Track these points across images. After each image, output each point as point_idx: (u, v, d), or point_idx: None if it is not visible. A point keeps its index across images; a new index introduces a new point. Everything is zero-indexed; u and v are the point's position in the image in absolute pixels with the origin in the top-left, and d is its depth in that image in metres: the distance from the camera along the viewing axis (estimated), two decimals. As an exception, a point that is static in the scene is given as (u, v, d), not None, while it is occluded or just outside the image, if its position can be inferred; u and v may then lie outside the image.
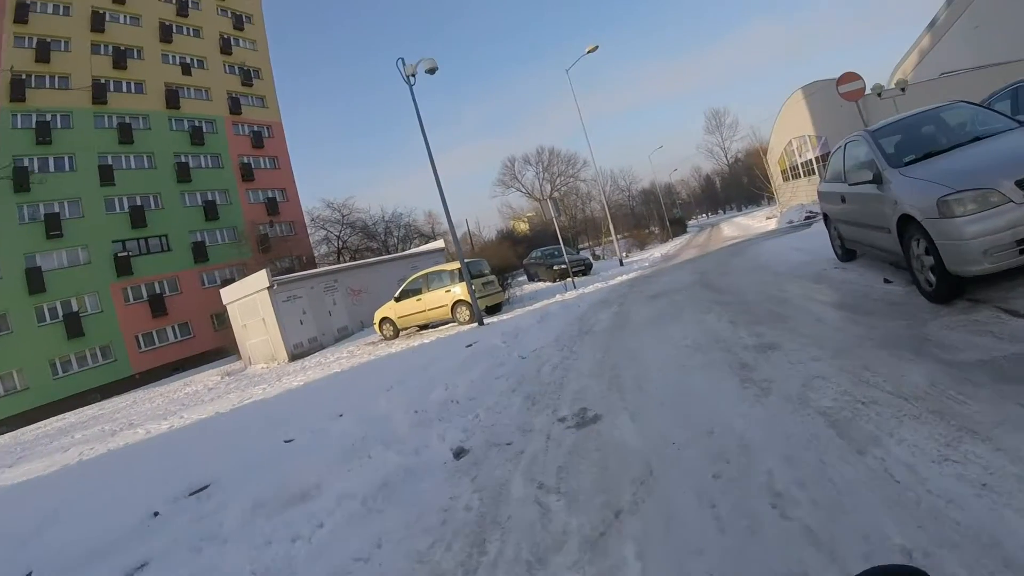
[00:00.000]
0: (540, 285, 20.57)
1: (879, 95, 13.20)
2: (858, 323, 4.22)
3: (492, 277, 14.17)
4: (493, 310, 14.12)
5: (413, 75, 11.69)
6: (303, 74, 79.67)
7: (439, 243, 26.49)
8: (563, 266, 18.50)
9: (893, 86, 15.73)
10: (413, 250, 27.04)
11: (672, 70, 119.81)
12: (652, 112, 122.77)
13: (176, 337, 28.42)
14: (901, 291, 4.88)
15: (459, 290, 13.24)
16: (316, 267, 28.74)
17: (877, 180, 4.84)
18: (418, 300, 14.13)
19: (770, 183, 37.82)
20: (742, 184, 71.59)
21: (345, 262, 31.13)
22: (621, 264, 23.29)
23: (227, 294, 20.50)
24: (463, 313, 13.09)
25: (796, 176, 32.70)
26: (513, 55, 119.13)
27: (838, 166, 6.47)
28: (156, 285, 28.21)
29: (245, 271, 25.46)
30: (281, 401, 8.97)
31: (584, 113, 40.92)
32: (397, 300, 14.68)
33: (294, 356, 17.52)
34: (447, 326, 13.89)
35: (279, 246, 31.45)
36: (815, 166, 29.81)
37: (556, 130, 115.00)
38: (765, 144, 41.09)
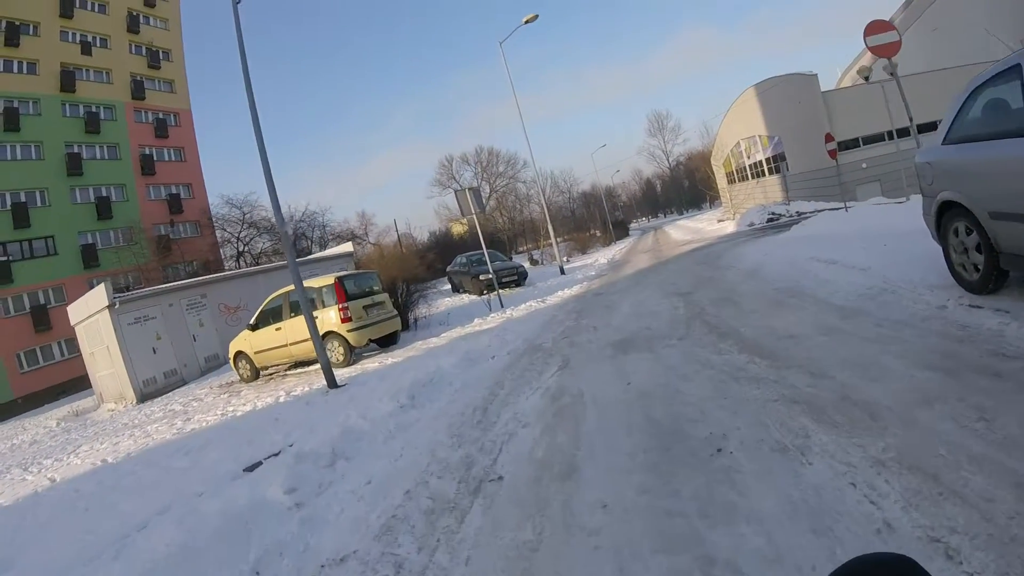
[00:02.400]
0: (464, 299, 16.72)
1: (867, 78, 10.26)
2: None
3: (383, 297, 10.02)
4: (385, 342, 10.10)
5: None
6: (222, 58, 71.18)
7: (347, 246, 21.62)
8: (488, 276, 14.62)
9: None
10: (312, 256, 22.07)
11: (614, 73, 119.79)
12: (593, 115, 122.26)
13: (62, 355, 23.81)
14: None
15: (333, 315, 9.20)
16: (224, 271, 24.31)
17: None
18: (277, 330, 9.86)
19: (715, 185, 35.87)
20: (683, 187, 70.70)
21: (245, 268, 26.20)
22: (562, 272, 19.67)
23: (74, 313, 15.22)
24: (337, 351, 9.05)
25: (744, 179, 30.63)
26: (457, 59, 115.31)
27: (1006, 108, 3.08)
28: (40, 294, 24.27)
29: (142, 278, 22.55)
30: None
31: (525, 116, 37.67)
32: (253, 328, 10.41)
33: (144, 396, 12.76)
34: (315, 368, 9.77)
35: (181, 249, 27.71)
36: (765, 167, 27.77)
37: (497, 133, 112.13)
38: (710, 147, 39.16)
